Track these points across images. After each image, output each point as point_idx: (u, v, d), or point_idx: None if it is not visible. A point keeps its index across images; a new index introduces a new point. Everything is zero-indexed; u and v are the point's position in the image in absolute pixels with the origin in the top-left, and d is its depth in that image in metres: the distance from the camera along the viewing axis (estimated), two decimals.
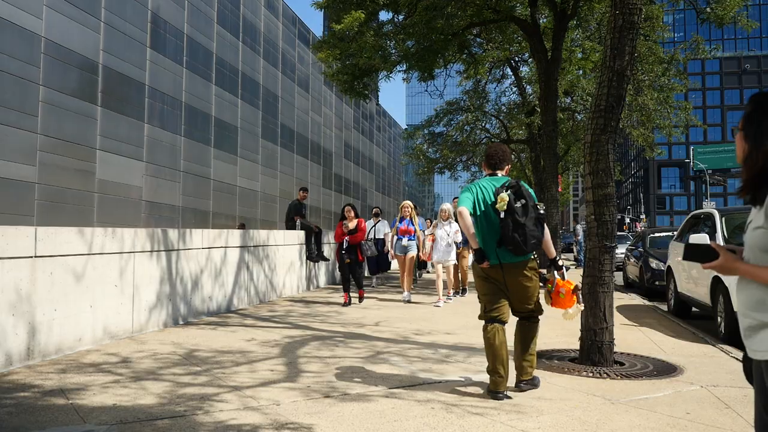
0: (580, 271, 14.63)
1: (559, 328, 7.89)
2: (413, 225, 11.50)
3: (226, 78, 29.41)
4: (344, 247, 10.52)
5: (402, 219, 11.60)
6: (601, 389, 4.95)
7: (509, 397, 4.55)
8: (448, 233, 10.78)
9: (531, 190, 4.64)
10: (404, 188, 78.41)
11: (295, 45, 38.44)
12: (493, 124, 26.79)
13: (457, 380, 5.15)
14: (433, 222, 11.72)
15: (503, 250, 4.59)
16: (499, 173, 4.89)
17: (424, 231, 11.83)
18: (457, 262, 11.56)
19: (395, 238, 11.58)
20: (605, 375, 5.40)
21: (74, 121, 18.93)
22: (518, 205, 4.52)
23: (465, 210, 4.63)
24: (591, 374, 5.43)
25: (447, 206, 10.99)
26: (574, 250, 23.98)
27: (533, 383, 4.81)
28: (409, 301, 11.02)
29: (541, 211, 4.54)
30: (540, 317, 4.88)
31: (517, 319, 4.86)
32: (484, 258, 4.65)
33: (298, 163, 37.20)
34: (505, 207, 4.50)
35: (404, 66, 14.83)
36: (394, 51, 14.45)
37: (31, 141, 17.34)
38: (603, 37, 8.19)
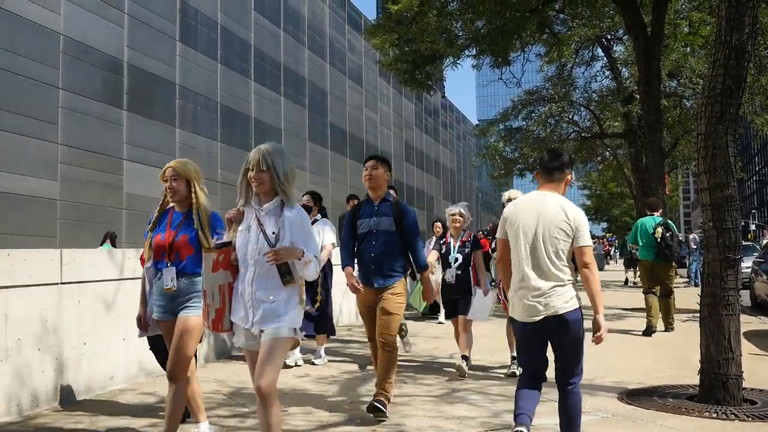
0: (694, 290, 14.30)
1: (672, 360, 7.71)
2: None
3: (267, 73, 30.01)
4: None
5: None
6: None
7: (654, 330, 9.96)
8: (269, 237, 3.88)
9: (674, 225, 10.54)
10: (477, 195, 78.06)
11: (344, 31, 38.94)
12: (582, 115, 26.46)
13: (551, 423, 5.09)
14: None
15: (658, 258, 10.10)
16: (656, 214, 10.34)
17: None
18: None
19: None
20: (732, 416, 5.26)
21: (98, 128, 19.67)
22: (667, 234, 9.98)
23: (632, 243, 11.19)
24: (715, 415, 5.31)
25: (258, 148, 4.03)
26: (687, 263, 23.16)
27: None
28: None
29: (680, 238, 10.15)
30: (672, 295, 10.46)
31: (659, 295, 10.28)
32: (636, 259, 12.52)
33: (351, 169, 37.50)
34: (659, 236, 9.97)
35: (474, 50, 14.84)
36: (461, 33, 14.49)
37: (52, 152, 18.09)
38: (715, 6, 8.00)
